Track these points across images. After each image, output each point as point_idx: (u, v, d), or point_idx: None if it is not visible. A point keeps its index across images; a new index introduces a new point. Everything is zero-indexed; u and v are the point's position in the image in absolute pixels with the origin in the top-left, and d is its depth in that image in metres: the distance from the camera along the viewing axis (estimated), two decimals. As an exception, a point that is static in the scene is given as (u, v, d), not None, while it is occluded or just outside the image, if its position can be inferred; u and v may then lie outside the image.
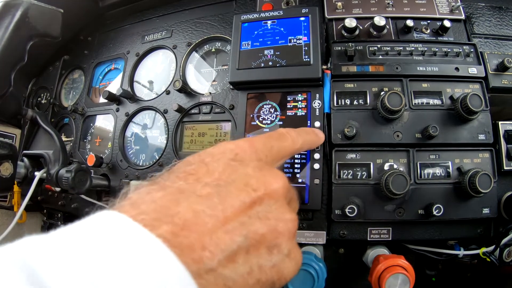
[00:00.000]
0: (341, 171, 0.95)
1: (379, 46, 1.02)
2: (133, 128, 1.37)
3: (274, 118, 1.03)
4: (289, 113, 1.02)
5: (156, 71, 1.40)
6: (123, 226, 0.34)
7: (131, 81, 1.42)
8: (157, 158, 1.24)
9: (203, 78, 1.29)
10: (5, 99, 1.10)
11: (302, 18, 1.03)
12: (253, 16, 1.07)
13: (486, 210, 0.91)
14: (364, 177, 0.94)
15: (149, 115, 1.34)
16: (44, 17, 1.10)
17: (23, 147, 1.56)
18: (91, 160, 1.28)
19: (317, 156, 0.97)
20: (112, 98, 1.36)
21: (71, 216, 1.64)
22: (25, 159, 1.18)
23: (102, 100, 1.43)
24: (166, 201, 0.39)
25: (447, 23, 1.04)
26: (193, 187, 0.42)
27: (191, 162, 0.47)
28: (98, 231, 0.34)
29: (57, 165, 1.13)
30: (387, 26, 1.08)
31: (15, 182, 1.18)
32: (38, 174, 1.13)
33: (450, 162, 0.93)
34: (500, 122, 0.96)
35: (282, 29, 1.04)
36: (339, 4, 1.11)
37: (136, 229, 0.34)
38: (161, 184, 0.43)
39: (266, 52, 1.02)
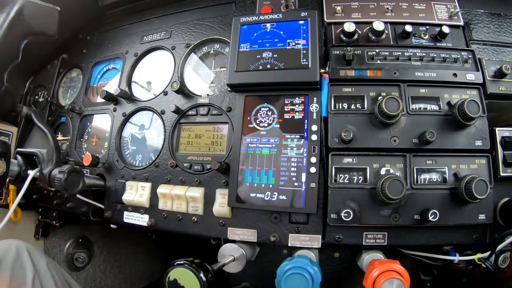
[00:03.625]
0: (338, 175, 0.95)
1: (377, 50, 1.02)
2: (130, 129, 1.36)
3: (271, 121, 1.03)
4: (286, 116, 1.02)
5: (154, 72, 1.39)
6: None
7: (129, 81, 1.42)
8: (154, 159, 1.23)
9: (201, 80, 1.28)
10: (0, 96, 1.08)
11: (301, 22, 1.03)
12: (252, 18, 1.07)
13: (482, 216, 0.91)
14: (360, 181, 0.94)
15: (146, 116, 1.34)
16: (40, 15, 1.07)
17: (17, 144, 1.55)
18: (87, 159, 1.28)
19: (313, 159, 0.96)
20: (110, 98, 1.35)
21: (66, 215, 1.63)
22: (19, 157, 1.17)
23: (99, 99, 1.42)
24: None
25: (445, 29, 1.04)
26: None
27: None
28: None
29: (50, 165, 1.11)
30: (386, 31, 1.08)
31: (8, 180, 1.17)
32: (31, 173, 1.11)
33: (446, 167, 0.93)
34: (497, 129, 0.96)
35: (281, 32, 1.04)
36: (339, 8, 1.11)
37: None
38: None
39: (264, 54, 1.02)
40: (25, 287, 1.05)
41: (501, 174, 0.94)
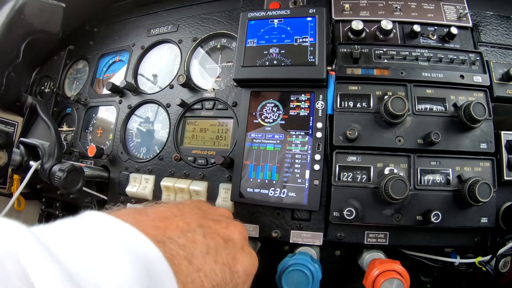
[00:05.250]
0: (341, 173, 0.95)
1: (385, 49, 1.02)
2: (135, 121, 1.37)
3: (276, 117, 1.03)
4: (291, 112, 1.02)
5: (160, 65, 1.40)
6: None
7: (135, 74, 1.42)
8: (158, 152, 1.24)
9: (207, 74, 1.28)
10: (3, 87, 1.07)
11: (309, 18, 1.02)
12: (260, 14, 1.07)
13: (484, 219, 0.91)
14: (364, 180, 0.94)
15: (152, 109, 1.34)
16: (43, 13, 1.01)
17: (20, 133, 1.56)
18: (91, 150, 1.28)
19: (317, 157, 0.96)
20: (115, 90, 1.36)
21: (69, 206, 1.64)
22: (21, 147, 1.17)
23: (105, 91, 1.43)
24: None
25: (454, 30, 1.04)
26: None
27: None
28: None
29: (51, 159, 1.10)
30: (394, 30, 1.08)
31: (11, 169, 1.18)
32: (34, 165, 1.11)
33: (450, 169, 0.93)
34: (502, 132, 0.95)
35: (288, 28, 1.03)
36: (347, 6, 1.11)
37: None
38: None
39: (271, 50, 1.02)
40: None
41: (505, 178, 0.93)
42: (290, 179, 0.98)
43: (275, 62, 1.01)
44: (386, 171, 0.93)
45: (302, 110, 1.01)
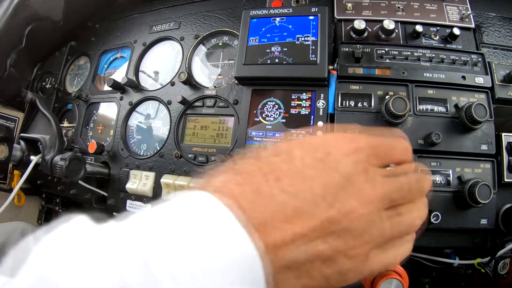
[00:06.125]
0: (341, 173, 0.95)
1: (386, 49, 1.02)
2: (135, 118, 1.37)
3: (277, 115, 1.03)
4: (292, 111, 1.02)
5: (162, 62, 1.39)
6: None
7: (137, 71, 1.42)
8: (158, 148, 1.24)
9: (208, 72, 1.28)
10: (4, 81, 1.07)
11: (311, 17, 1.02)
12: (262, 12, 1.07)
13: (484, 221, 0.90)
14: (364, 180, 0.94)
15: (153, 106, 1.34)
16: (46, 0, 1.05)
17: (20, 129, 1.56)
18: (92, 147, 1.28)
19: (318, 156, 0.96)
20: (117, 87, 1.36)
21: (69, 202, 1.64)
22: (22, 142, 1.17)
23: (106, 88, 1.43)
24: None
25: (456, 31, 1.03)
26: (271, 190, 0.37)
27: (278, 153, 0.42)
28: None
29: (52, 151, 1.11)
30: (396, 30, 1.07)
31: (12, 165, 1.18)
32: (34, 159, 1.11)
33: (451, 170, 0.93)
34: (503, 134, 0.95)
35: (290, 26, 1.03)
36: (349, 5, 1.11)
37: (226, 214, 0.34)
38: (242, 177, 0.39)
39: (273, 49, 1.02)
40: None
41: (505, 179, 0.93)
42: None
43: (276, 60, 1.01)
44: (387, 171, 0.93)
45: (303, 109, 1.01)
